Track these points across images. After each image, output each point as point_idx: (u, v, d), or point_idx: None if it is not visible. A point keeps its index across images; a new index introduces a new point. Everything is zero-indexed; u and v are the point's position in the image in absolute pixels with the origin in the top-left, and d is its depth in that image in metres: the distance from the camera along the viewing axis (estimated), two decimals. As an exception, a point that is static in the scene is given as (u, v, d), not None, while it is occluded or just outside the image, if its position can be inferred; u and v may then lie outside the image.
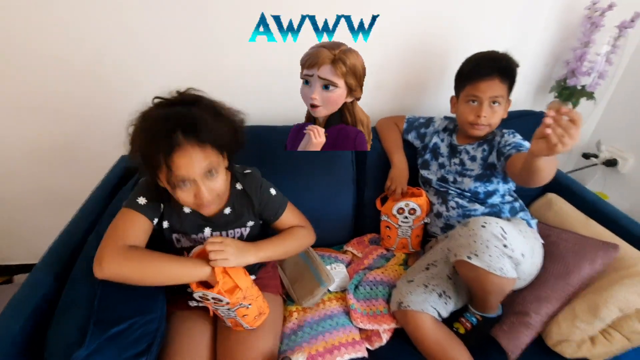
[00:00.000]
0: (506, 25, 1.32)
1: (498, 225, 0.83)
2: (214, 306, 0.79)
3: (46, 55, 1.12)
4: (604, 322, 0.90)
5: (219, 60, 1.20)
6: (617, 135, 1.59)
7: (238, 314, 0.80)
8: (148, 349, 0.71)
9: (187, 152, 0.69)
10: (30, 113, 1.21)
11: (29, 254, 1.58)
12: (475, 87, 1.03)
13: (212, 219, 0.88)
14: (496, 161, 1.05)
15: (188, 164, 0.70)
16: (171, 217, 0.85)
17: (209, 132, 0.71)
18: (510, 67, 1.01)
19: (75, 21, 1.08)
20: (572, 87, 1.39)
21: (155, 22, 1.11)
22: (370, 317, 1.00)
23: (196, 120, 0.70)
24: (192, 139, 0.69)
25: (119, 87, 1.18)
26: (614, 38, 1.32)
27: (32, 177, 1.35)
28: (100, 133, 1.28)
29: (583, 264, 0.96)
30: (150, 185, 0.82)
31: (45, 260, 0.84)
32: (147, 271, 0.74)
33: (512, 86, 1.04)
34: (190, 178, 0.72)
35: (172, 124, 0.69)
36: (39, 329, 0.72)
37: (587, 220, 1.11)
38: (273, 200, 0.94)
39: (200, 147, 0.71)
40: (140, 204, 0.80)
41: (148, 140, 0.70)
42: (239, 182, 0.91)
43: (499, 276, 0.83)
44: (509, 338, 0.95)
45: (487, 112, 1.02)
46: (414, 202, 1.12)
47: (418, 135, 1.23)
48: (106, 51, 1.13)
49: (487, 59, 1.03)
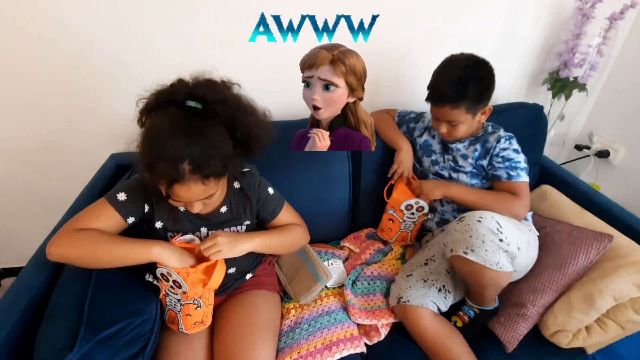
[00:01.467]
0: (497, 18, 1.31)
1: (494, 219, 0.83)
2: (167, 290, 0.78)
3: (30, 53, 1.08)
4: (599, 312, 0.90)
5: (214, 55, 1.17)
6: (608, 126, 1.61)
7: (184, 310, 0.79)
8: (142, 352, 0.70)
9: (189, 185, 0.68)
10: (15, 112, 1.17)
11: (16, 257, 1.54)
12: (431, 108, 1.03)
13: (208, 217, 0.87)
14: (486, 166, 1.05)
15: (187, 194, 0.70)
16: (164, 217, 0.83)
17: (217, 166, 0.69)
18: (463, 94, 0.94)
19: (60, 16, 1.04)
20: (565, 79, 1.40)
21: (147, 17, 1.08)
22: (368, 312, 0.99)
23: (207, 154, 0.67)
24: (197, 174, 0.68)
25: (106, 85, 1.15)
26: (605, 30, 1.32)
27: (17, 178, 1.31)
28: (87, 132, 1.24)
29: (578, 255, 0.97)
30: (139, 185, 0.81)
31: (34, 262, 0.81)
32: (94, 252, 0.72)
33: (478, 102, 0.97)
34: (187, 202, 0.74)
35: (181, 152, 0.65)
36: (28, 333, 0.70)
37: (581, 211, 1.12)
38: (271, 199, 0.93)
39: (202, 182, 0.70)
40: (118, 200, 0.78)
41: (154, 157, 0.66)
42: (237, 181, 0.89)
43: (495, 270, 0.83)
44: (506, 330, 0.95)
45: (445, 129, 1.02)
46: (423, 201, 1.10)
47: (408, 130, 1.22)
48: (93, 48, 1.10)
49: (435, 88, 0.99)
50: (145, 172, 0.69)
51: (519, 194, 0.99)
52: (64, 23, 1.05)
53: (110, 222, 0.78)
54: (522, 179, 1.01)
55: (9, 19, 1.03)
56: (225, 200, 0.87)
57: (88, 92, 1.17)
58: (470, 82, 0.94)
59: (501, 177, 1.02)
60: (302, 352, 0.87)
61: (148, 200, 0.81)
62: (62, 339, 0.63)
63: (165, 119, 0.68)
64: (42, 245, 0.87)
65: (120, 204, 0.78)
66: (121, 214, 0.78)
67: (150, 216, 0.82)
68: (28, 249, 0.87)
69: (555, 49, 1.41)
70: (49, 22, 1.04)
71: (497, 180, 1.03)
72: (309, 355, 0.86)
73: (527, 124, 1.27)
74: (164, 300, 0.81)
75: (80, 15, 1.04)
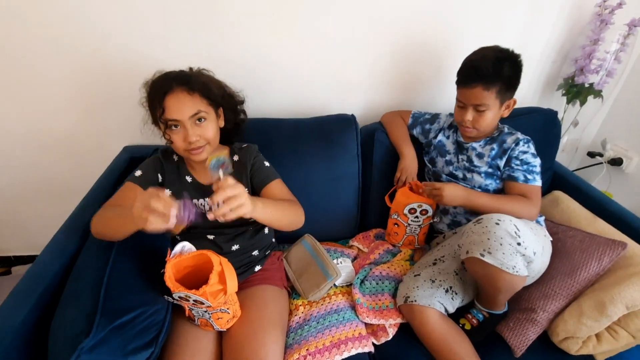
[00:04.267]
0: (515, 22, 1.30)
1: (512, 222, 0.83)
2: (191, 306, 0.78)
3: (47, 48, 1.09)
4: (611, 319, 0.89)
5: (224, 53, 1.18)
6: (622, 134, 1.58)
7: (213, 317, 0.80)
8: (155, 340, 0.70)
9: (178, 96, 0.83)
10: (31, 102, 1.19)
11: (28, 245, 1.57)
12: (460, 92, 1.03)
13: (210, 188, 0.88)
14: (502, 166, 1.05)
15: (178, 106, 0.83)
16: (172, 185, 0.95)
17: (199, 84, 0.86)
18: (498, 73, 0.95)
19: (76, 10, 1.05)
20: (580, 85, 1.38)
21: (164, 11, 1.09)
22: (376, 311, 0.99)
23: (191, 76, 0.87)
24: (183, 86, 0.84)
25: (121, 78, 1.16)
26: (624, 36, 1.30)
27: (32, 167, 1.33)
28: (101, 124, 1.26)
29: (590, 262, 0.96)
30: (151, 160, 0.97)
31: (49, 249, 0.82)
32: (108, 226, 0.82)
33: (509, 88, 0.99)
34: (179, 120, 0.83)
35: (171, 76, 0.86)
36: (43, 318, 0.71)
37: (594, 218, 1.11)
38: (265, 168, 1.01)
39: (189, 94, 0.84)
40: (136, 176, 0.93)
41: (151, 87, 0.87)
42: (236, 155, 1.00)
43: (511, 274, 0.82)
44: (515, 334, 0.95)
45: (471, 117, 1.02)
46: (426, 204, 1.10)
47: (423, 131, 1.22)
48: (109, 41, 1.11)
49: (471, 65, 1.00)
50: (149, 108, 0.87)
51: (532, 197, 1.00)
52: (81, 17, 1.06)
53: (135, 195, 0.85)
54: (537, 184, 1.02)
55: (25, 15, 1.04)
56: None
57: (104, 85, 1.18)
58: (505, 62, 0.97)
59: (518, 179, 1.02)
60: (311, 349, 0.87)
61: (159, 170, 0.96)
62: (78, 325, 0.64)
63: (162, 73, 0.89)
64: (57, 234, 0.89)
65: (138, 178, 0.93)
66: (142, 186, 0.91)
67: (162, 184, 0.95)
68: (40, 237, 0.89)
69: (571, 54, 1.40)
70: (65, 17, 1.06)
71: (513, 182, 1.03)
72: (318, 353, 0.87)
73: (541, 129, 1.26)
74: (191, 314, 0.82)
75: (96, 8, 1.06)
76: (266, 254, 1.04)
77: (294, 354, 0.86)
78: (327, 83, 1.30)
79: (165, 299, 0.80)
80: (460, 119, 1.05)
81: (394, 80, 1.34)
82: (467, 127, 1.05)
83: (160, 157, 0.97)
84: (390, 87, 1.35)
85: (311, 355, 0.86)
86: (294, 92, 1.31)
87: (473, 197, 1.01)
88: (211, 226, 0.96)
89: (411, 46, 1.28)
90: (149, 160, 0.98)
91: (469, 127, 1.04)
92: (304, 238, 1.16)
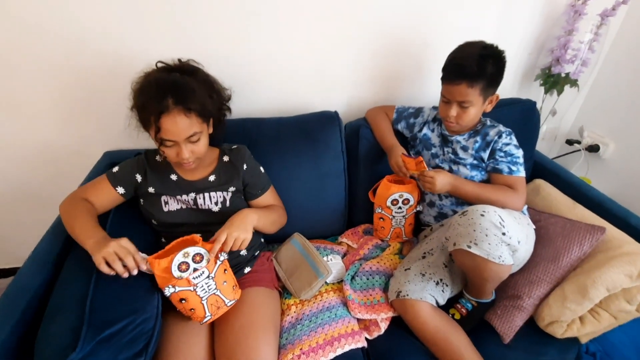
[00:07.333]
0: (490, 15, 1.32)
1: (496, 213, 0.84)
2: (194, 281, 0.77)
3: (23, 51, 1.05)
4: (593, 302, 0.92)
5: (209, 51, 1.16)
6: (598, 121, 1.64)
7: (218, 281, 0.81)
8: (145, 350, 0.69)
9: (175, 119, 0.79)
10: (6, 111, 1.15)
11: (9, 257, 1.51)
12: (445, 89, 1.05)
13: (196, 184, 0.95)
14: (486, 159, 1.07)
15: (174, 128, 0.80)
16: (156, 184, 0.94)
17: (197, 102, 0.82)
18: (482, 71, 0.97)
19: (53, 13, 1.01)
20: (557, 74, 1.42)
21: (142, 14, 1.06)
22: (367, 307, 1.00)
23: (187, 90, 0.81)
24: (179, 105, 0.79)
25: (100, 82, 1.13)
26: (596, 26, 1.34)
27: (9, 177, 1.28)
28: (80, 130, 1.22)
29: (572, 247, 0.99)
30: (133, 160, 0.96)
31: (32, 261, 0.80)
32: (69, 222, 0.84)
33: (493, 84, 1.01)
34: (174, 141, 0.83)
35: (166, 89, 0.79)
36: (28, 334, 0.69)
37: (573, 205, 1.14)
38: (260, 177, 1.04)
39: (186, 115, 0.81)
40: (112, 172, 0.94)
41: (144, 100, 0.80)
42: (226, 155, 1.01)
43: (498, 264, 0.84)
44: (503, 321, 0.97)
45: (455, 113, 1.03)
46: (407, 193, 1.12)
47: (407, 125, 1.23)
48: (87, 45, 1.07)
49: (456, 63, 1.01)
50: (140, 120, 0.83)
51: (517, 188, 1.02)
52: (57, 20, 1.03)
53: (104, 192, 0.92)
54: (521, 174, 1.04)
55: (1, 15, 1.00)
56: (214, 171, 0.98)
57: (81, 91, 1.15)
58: (489, 59, 0.98)
59: (502, 171, 1.04)
60: (305, 348, 0.87)
61: (140, 170, 0.94)
62: (64, 339, 0.63)
63: (151, 74, 0.85)
64: (38, 244, 0.86)
65: (112, 175, 0.94)
66: (111, 183, 0.92)
67: (144, 183, 0.94)
68: (21, 249, 0.86)
69: (547, 45, 1.43)
70: (41, 20, 1.02)
71: (498, 174, 1.05)
72: (312, 351, 0.87)
73: (521, 119, 1.29)
74: (201, 302, 0.80)
75: (73, 11, 1.02)
76: (255, 254, 1.04)
77: (288, 354, 0.86)
78: (310, 81, 1.30)
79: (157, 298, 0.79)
80: (444, 114, 1.06)
81: (376, 76, 1.34)
82: (450, 122, 1.07)
83: (144, 158, 0.97)
84: (372, 83, 1.36)
85: (305, 354, 0.86)
86: (276, 90, 1.30)
87: (460, 184, 1.04)
88: (198, 224, 0.96)
89: (391, 42, 1.28)
90: (132, 160, 0.97)
91: (452, 122, 1.06)
92: (293, 237, 1.16)
